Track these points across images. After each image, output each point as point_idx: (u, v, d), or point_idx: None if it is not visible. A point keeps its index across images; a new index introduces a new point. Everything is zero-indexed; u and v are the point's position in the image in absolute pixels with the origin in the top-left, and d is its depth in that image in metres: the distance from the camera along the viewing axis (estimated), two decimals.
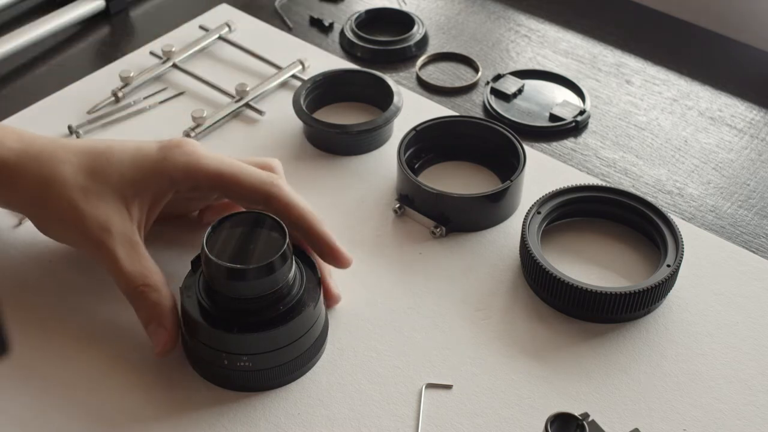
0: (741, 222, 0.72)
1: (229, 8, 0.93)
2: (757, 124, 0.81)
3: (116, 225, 0.59)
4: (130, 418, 0.58)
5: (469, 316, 0.64)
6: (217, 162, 0.61)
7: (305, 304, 0.58)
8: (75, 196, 0.59)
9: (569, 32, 0.91)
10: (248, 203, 0.61)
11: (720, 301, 0.65)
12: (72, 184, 0.59)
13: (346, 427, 0.58)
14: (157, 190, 0.60)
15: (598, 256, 0.68)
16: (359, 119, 0.78)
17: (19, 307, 0.64)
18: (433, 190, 0.69)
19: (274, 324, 0.56)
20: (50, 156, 0.60)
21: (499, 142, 0.74)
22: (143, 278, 0.58)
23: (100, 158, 0.60)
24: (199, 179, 0.60)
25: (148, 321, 0.59)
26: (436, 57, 0.88)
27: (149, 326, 0.59)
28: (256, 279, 0.55)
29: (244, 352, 0.57)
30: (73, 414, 0.58)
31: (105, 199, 0.59)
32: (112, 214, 0.59)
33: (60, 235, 0.62)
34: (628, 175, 0.76)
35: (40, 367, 0.61)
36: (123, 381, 0.60)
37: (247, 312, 0.57)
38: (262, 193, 0.60)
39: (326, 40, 0.90)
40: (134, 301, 0.59)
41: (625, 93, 0.84)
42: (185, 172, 0.60)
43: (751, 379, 0.61)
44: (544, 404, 0.59)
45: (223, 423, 0.58)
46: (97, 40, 0.90)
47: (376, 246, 0.69)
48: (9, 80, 0.85)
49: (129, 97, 0.81)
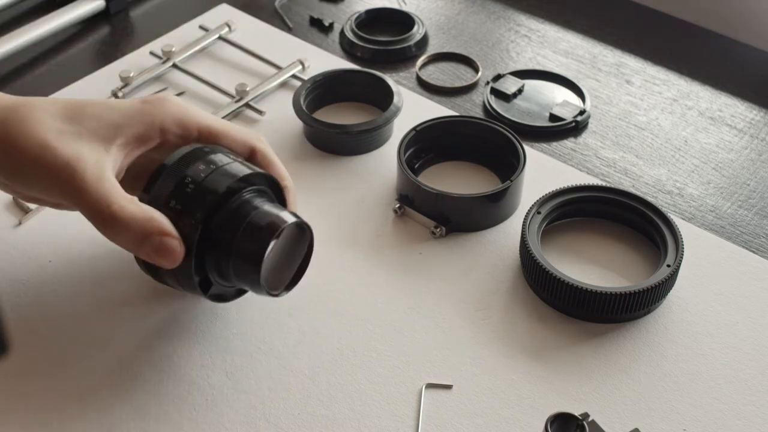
0: (741, 222, 0.72)
1: (229, 8, 0.93)
2: (757, 124, 0.81)
3: (88, 156, 0.56)
4: (131, 418, 0.58)
5: (469, 316, 0.64)
6: (207, 115, 0.61)
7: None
8: (48, 136, 0.56)
9: (569, 32, 0.91)
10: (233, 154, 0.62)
11: (720, 301, 0.65)
12: (47, 126, 0.57)
13: (346, 427, 0.58)
14: (142, 132, 0.58)
15: (598, 256, 0.68)
16: (359, 119, 0.78)
17: (19, 307, 0.64)
18: (433, 190, 0.69)
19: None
20: (27, 104, 0.58)
21: (499, 142, 0.74)
22: (116, 199, 0.55)
23: (79, 108, 0.59)
24: (190, 128, 0.60)
25: (145, 234, 0.55)
26: (436, 57, 0.88)
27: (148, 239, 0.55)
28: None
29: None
30: (73, 414, 0.58)
31: (80, 138, 0.57)
32: (84, 148, 0.56)
33: (31, 184, 0.58)
34: (628, 175, 0.76)
35: (40, 367, 0.61)
36: (123, 381, 0.60)
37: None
38: (248, 145, 0.61)
39: (326, 40, 0.90)
40: (112, 221, 0.55)
41: (625, 93, 0.84)
42: (177, 121, 0.59)
43: (751, 379, 0.61)
44: (544, 404, 0.59)
45: (223, 423, 0.58)
46: (97, 40, 0.90)
47: (376, 246, 0.69)
48: (9, 80, 0.85)
49: (129, 97, 0.81)
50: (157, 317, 0.63)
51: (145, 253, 0.56)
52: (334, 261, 0.67)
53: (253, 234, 0.56)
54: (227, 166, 0.57)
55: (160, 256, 0.55)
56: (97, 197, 0.55)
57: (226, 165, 0.57)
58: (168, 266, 0.56)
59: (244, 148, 0.61)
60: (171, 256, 0.55)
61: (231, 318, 0.64)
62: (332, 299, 0.65)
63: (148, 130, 0.59)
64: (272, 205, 0.58)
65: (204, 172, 0.57)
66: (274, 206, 0.58)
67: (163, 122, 0.59)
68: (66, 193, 0.56)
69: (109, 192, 0.55)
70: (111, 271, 0.66)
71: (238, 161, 0.59)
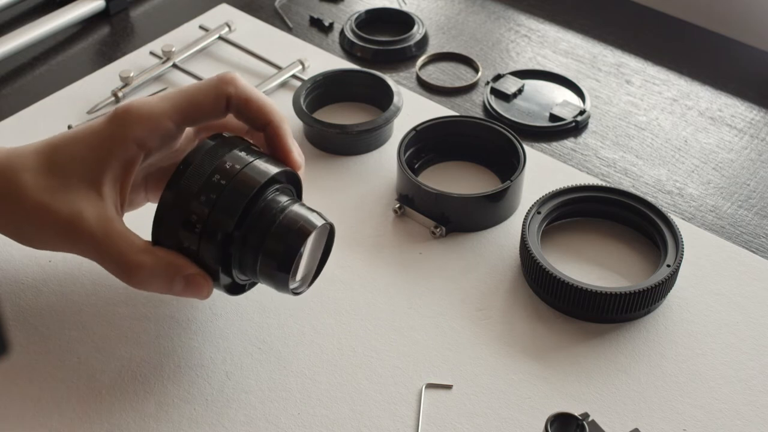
0: (741, 222, 0.72)
1: (229, 8, 0.93)
2: (757, 124, 0.81)
3: (87, 210, 0.56)
4: (131, 418, 0.58)
5: (469, 316, 0.64)
6: (168, 99, 0.59)
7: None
8: (42, 198, 0.57)
9: (569, 32, 0.91)
10: (215, 118, 0.60)
11: (720, 301, 0.65)
12: (35, 189, 0.57)
13: (346, 427, 0.58)
14: (124, 159, 0.57)
15: (598, 256, 0.68)
16: (359, 119, 0.78)
17: (19, 307, 0.64)
18: (433, 190, 0.69)
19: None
20: (6, 169, 0.58)
21: (499, 142, 0.74)
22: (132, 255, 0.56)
23: (56, 154, 0.58)
24: (161, 129, 0.58)
25: (170, 278, 0.56)
26: (436, 57, 0.88)
27: (174, 281, 0.56)
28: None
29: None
30: (73, 414, 0.58)
31: (71, 190, 0.57)
32: (80, 201, 0.56)
33: (44, 243, 0.60)
34: (628, 175, 0.76)
35: (41, 367, 0.61)
36: (123, 381, 0.60)
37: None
38: (220, 99, 0.59)
39: (326, 40, 0.90)
40: (135, 276, 0.56)
41: (625, 93, 0.84)
42: (149, 128, 0.58)
43: (751, 379, 0.61)
44: (544, 404, 0.59)
45: (223, 423, 0.58)
46: (97, 40, 0.90)
47: (376, 246, 0.69)
48: (9, 80, 0.85)
49: (129, 97, 0.81)
50: (157, 317, 0.64)
51: (175, 294, 0.57)
52: (334, 261, 0.67)
53: (285, 236, 0.56)
54: (251, 165, 0.57)
55: (191, 294, 0.57)
56: (111, 257, 0.56)
57: (251, 163, 0.57)
58: (201, 299, 0.58)
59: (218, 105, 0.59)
60: (200, 293, 0.57)
61: (231, 318, 0.64)
62: (332, 299, 0.65)
63: (129, 155, 0.58)
64: (300, 205, 0.58)
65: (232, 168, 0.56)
66: (301, 206, 0.58)
67: (135, 137, 0.57)
68: (80, 251, 0.58)
69: (120, 248, 0.56)
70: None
71: (261, 158, 0.58)
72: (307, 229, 0.56)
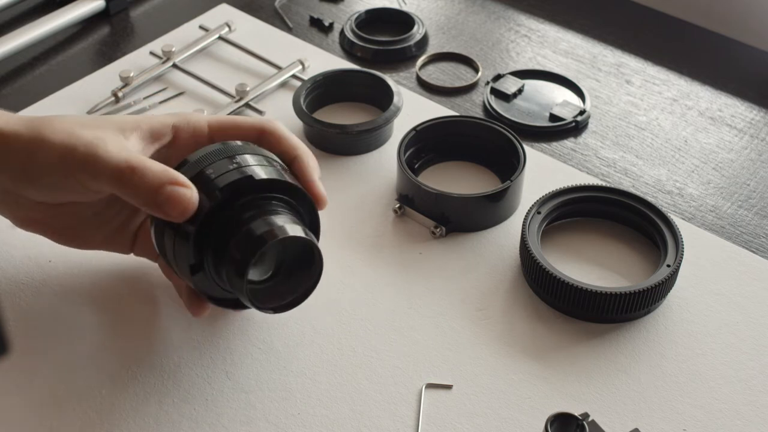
0: (741, 222, 0.72)
1: (229, 8, 0.93)
2: (757, 124, 0.81)
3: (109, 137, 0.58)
4: (131, 418, 0.58)
5: (469, 316, 0.64)
6: (208, 116, 0.63)
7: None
8: (74, 126, 0.58)
9: (569, 32, 0.91)
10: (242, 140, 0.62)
11: (720, 301, 0.65)
12: (71, 120, 0.59)
13: (346, 427, 0.58)
14: (156, 128, 0.61)
15: (598, 256, 0.68)
16: (359, 119, 0.78)
17: (19, 307, 0.64)
18: (433, 190, 0.69)
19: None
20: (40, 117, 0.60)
21: (499, 142, 0.74)
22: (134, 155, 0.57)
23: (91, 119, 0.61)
24: (200, 124, 0.61)
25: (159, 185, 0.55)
26: (436, 57, 0.88)
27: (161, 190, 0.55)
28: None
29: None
30: (73, 414, 0.58)
31: (102, 127, 0.59)
32: (106, 133, 0.58)
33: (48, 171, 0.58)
34: (628, 175, 0.76)
35: (41, 367, 0.61)
36: (123, 381, 0.60)
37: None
38: (257, 128, 0.62)
39: (326, 40, 0.90)
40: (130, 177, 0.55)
41: (625, 93, 0.84)
42: (185, 122, 0.61)
43: (751, 379, 0.61)
44: (544, 404, 0.59)
45: (223, 423, 0.58)
46: (97, 40, 0.90)
47: (376, 246, 0.69)
48: (9, 80, 0.85)
49: (129, 97, 0.81)
50: (157, 317, 0.63)
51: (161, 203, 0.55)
52: (334, 261, 0.67)
53: (246, 242, 0.54)
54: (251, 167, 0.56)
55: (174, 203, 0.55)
56: (117, 158, 0.56)
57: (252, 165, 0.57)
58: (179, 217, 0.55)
59: (253, 131, 0.62)
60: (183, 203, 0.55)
61: (231, 318, 0.64)
62: (332, 299, 0.65)
63: (161, 126, 0.61)
64: (287, 217, 0.55)
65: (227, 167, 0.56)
66: (287, 218, 0.55)
67: (173, 122, 0.61)
68: (88, 164, 0.56)
69: (128, 152, 0.57)
70: (111, 271, 0.66)
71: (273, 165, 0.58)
72: (270, 235, 0.53)
